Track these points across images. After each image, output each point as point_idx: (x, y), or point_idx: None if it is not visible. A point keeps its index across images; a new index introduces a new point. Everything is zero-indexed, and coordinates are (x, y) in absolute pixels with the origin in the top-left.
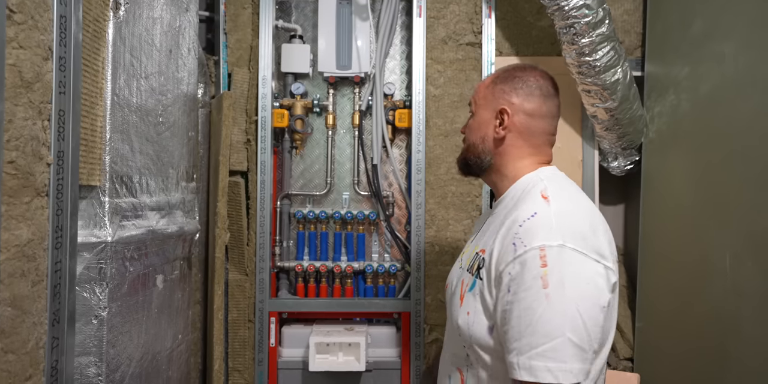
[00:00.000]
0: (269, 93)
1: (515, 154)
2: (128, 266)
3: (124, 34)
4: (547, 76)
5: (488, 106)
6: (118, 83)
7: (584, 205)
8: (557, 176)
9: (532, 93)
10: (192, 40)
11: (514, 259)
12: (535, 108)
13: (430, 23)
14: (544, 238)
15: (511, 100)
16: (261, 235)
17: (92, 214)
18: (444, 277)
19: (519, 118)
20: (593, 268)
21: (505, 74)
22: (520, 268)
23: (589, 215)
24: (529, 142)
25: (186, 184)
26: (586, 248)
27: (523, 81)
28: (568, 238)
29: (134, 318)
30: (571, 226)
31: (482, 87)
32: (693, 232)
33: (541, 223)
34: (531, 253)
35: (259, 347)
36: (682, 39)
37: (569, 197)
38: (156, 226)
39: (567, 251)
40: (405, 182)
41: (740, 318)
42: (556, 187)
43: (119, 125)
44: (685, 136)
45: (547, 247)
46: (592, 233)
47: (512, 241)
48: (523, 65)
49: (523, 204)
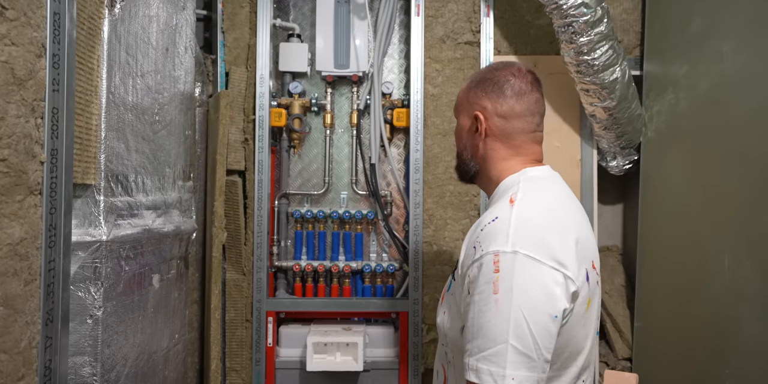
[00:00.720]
0: (267, 92)
1: (496, 157)
2: (124, 265)
3: (119, 31)
4: (522, 72)
5: (465, 113)
6: (114, 81)
7: (554, 208)
8: (541, 178)
9: (503, 93)
10: (189, 38)
11: (473, 263)
12: (507, 109)
13: (429, 22)
14: (499, 243)
15: (483, 104)
16: (258, 235)
17: (87, 212)
18: (442, 278)
19: (493, 122)
20: (548, 275)
21: (478, 77)
22: (477, 272)
23: (555, 220)
24: (507, 144)
25: (183, 183)
26: (543, 255)
27: (493, 82)
28: (523, 244)
29: (130, 317)
30: (528, 230)
31: (461, 92)
32: (692, 232)
33: (499, 228)
34: (487, 257)
35: (256, 347)
36: (680, 38)
37: (538, 201)
38: (152, 225)
39: (519, 258)
40: (403, 181)
41: (739, 319)
42: (529, 189)
43: (114, 123)
44: (684, 135)
45: (501, 253)
46: (554, 239)
47: (473, 245)
48: (496, 65)
49: (492, 208)
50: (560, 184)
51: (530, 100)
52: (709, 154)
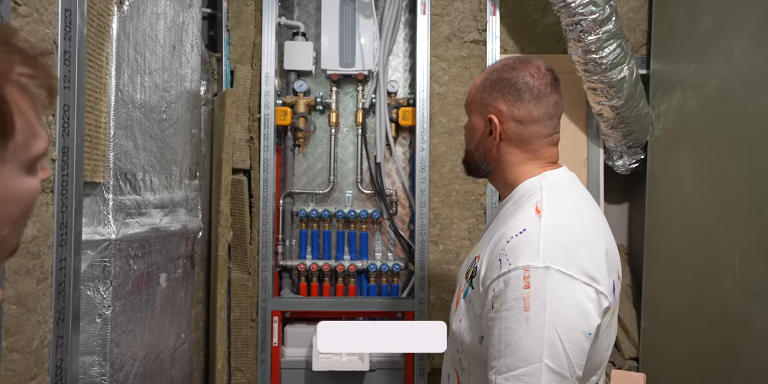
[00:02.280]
0: (272, 90)
1: (512, 161)
2: (132, 264)
3: (128, 29)
4: (540, 72)
5: (478, 112)
6: (122, 79)
7: (582, 218)
8: (562, 182)
9: (521, 97)
10: (195, 36)
11: (499, 277)
12: (525, 114)
13: (435, 21)
14: (529, 257)
15: (498, 106)
16: (264, 234)
17: (96, 211)
18: (448, 277)
19: (509, 126)
20: (581, 291)
21: (493, 75)
22: (503, 287)
23: (585, 232)
24: (524, 148)
25: (189, 181)
26: (575, 270)
27: (509, 84)
28: (554, 259)
29: (138, 317)
30: (560, 244)
31: (473, 89)
32: (700, 230)
33: (527, 241)
34: (515, 272)
35: (261, 346)
36: (688, 37)
37: (565, 210)
38: (160, 223)
39: (552, 273)
40: (408, 181)
41: (749, 316)
42: (554, 197)
43: (123, 121)
44: (692, 134)
45: (532, 268)
46: (586, 253)
47: (498, 257)
48: (513, 62)
49: (516, 216)
50: (580, 186)
51: (549, 103)
52: (717, 152)
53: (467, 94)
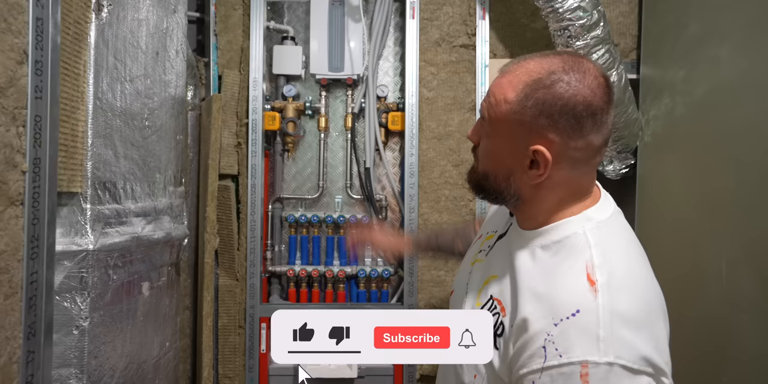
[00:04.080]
0: (260, 95)
1: (554, 198)
2: (111, 274)
3: (107, 36)
4: (602, 84)
5: (513, 136)
6: (101, 87)
7: (643, 285)
8: (607, 228)
9: (582, 126)
10: (180, 42)
11: (543, 370)
12: (584, 146)
13: (424, 25)
14: (588, 351)
15: (549, 136)
16: (252, 240)
17: (73, 221)
18: (437, 282)
19: (561, 161)
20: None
21: (540, 91)
22: (549, 383)
23: (649, 304)
24: (573, 184)
25: (174, 188)
26: (641, 362)
27: (567, 109)
28: (620, 352)
29: (118, 327)
30: (624, 332)
31: (503, 102)
32: (688, 238)
33: (584, 328)
34: (569, 368)
35: (249, 353)
36: (677, 42)
37: (625, 278)
38: (141, 232)
39: (616, 371)
40: (398, 186)
41: (736, 325)
42: (607, 259)
43: (102, 130)
44: (681, 140)
45: (591, 365)
46: (650, 335)
47: (542, 343)
48: (564, 69)
49: (562, 285)
50: (624, 225)
51: (609, 124)
52: (706, 158)
53: (489, 106)
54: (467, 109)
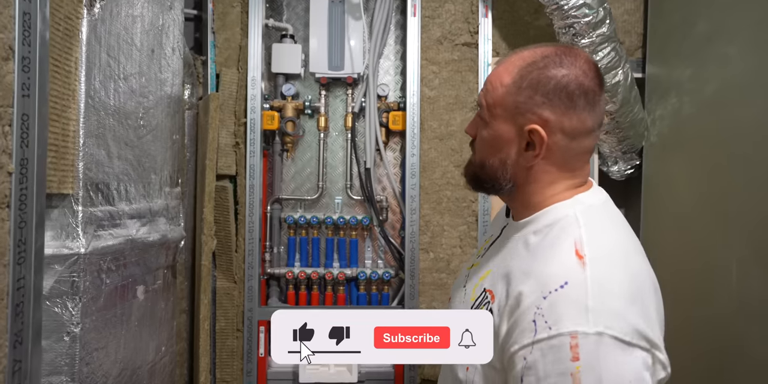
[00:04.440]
0: (258, 94)
1: (546, 180)
2: (104, 278)
3: (99, 32)
4: (590, 65)
5: (509, 119)
6: (93, 85)
7: (631, 264)
8: (596, 210)
9: (575, 104)
10: (177, 39)
11: (533, 344)
12: (577, 125)
13: (425, 23)
14: (577, 321)
15: (543, 115)
16: (250, 242)
17: (64, 224)
18: (439, 285)
19: (555, 140)
20: (639, 360)
21: (532, 72)
22: (540, 357)
23: (639, 281)
24: (565, 167)
25: (170, 189)
26: (633, 334)
27: (559, 87)
28: (609, 323)
29: (111, 332)
30: (614, 303)
31: (498, 86)
32: (696, 240)
33: (573, 299)
34: (558, 339)
35: (247, 357)
36: (684, 40)
37: (613, 256)
38: (136, 234)
39: (607, 341)
40: (399, 186)
41: (748, 330)
42: (596, 235)
43: (94, 129)
44: (688, 140)
45: (581, 335)
46: (641, 310)
47: (531, 317)
48: (556, 54)
49: (550, 261)
50: (615, 211)
51: (602, 106)
52: (714, 159)
53: (486, 92)
54: (469, 108)
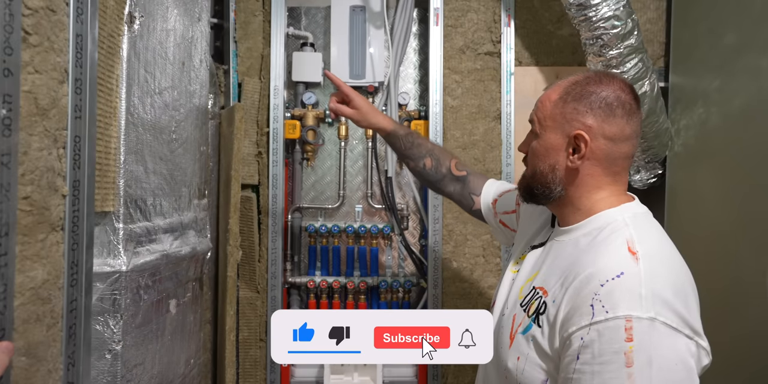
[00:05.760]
0: (281, 103)
1: (592, 184)
2: (142, 295)
3: (138, 48)
4: (628, 87)
5: (558, 129)
6: (132, 101)
7: (676, 262)
8: (642, 218)
9: (614, 112)
10: (204, 50)
11: (591, 325)
12: (617, 131)
13: (448, 32)
14: (632, 307)
15: (587, 122)
16: (273, 251)
17: (105, 241)
18: (462, 295)
19: (598, 144)
20: (684, 347)
21: (577, 89)
22: (596, 337)
23: (682, 278)
24: (609, 170)
25: (198, 201)
26: (679, 322)
27: (600, 99)
28: (660, 310)
29: (148, 348)
30: (663, 294)
31: (547, 102)
32: (726, 253)
33: (628, 287)
34: (614, 322)
35: (271, 367)
36: (712, 51)
37: (662, 254)
38: (170, 249)
39: (658, 326)
40: (420, 195)
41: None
42: (645, 237)
43: (133, 146)
44: (715, 152)
45: (635, 319)
46: (685, 302)
47: (590, 302)
48: (597, 76)
49: (605, 255)
50: (657, 222)
51: (638, 120)
52: (742, 170)
53: (536, 110)
54: (492, 117)
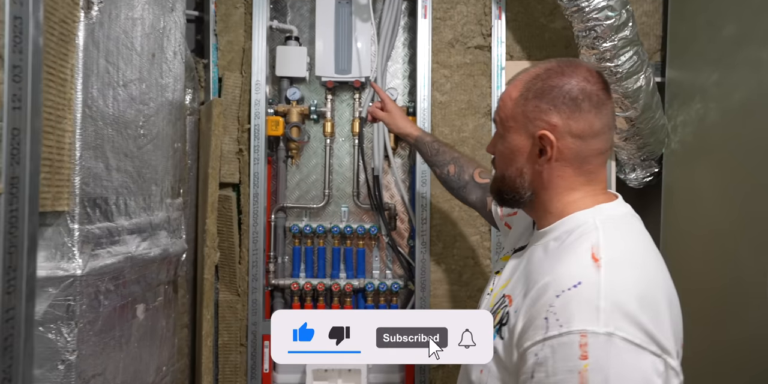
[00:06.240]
0: (263, 99)
1: (564, 186)
2: (102, 300)
3: (97, 37)
4: (593, 75)
5: (521, 130)
6: (91, 93)
7: (649, 270)
8: (620, 219)
9: (579, 107)
10: (178, 42)
11: (544, 341)
12: (585, 127)
13: (436, 25)
14: (587, 320)
15: (551, 120)
16: (254, 253)
17: (59, 243)
18: (451, 298)
19: (566, 144)
20: (649, 364)
21: (537, 84)
22: (550, 354)
23: (654, 289)
24: (581, 169)
25: (171, 200)
26: (644, 338)
27: (563, 92)
28: (620, 324)
29: (110, 356)
30: (626, 306)
31: (508, 101)
32: (725, 253)
33: (584, 299)
34: (568, 337)
35: (251, 373)
36: (710, 43)
37: (630, 261)
38: (136, 251)
39: (617, 342)
40: (408, 194)
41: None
42: (614, 241)
43: (92, 141)
44: (714, 148)
45: (591, 334)
46: (654, 316)
47: (544, 315)
48: (558, 66)
49: (565, 261)
50: (638, 225)
51: (609, 112)
52: (742, 168)
53: (498, 109)
54: (482, 113)
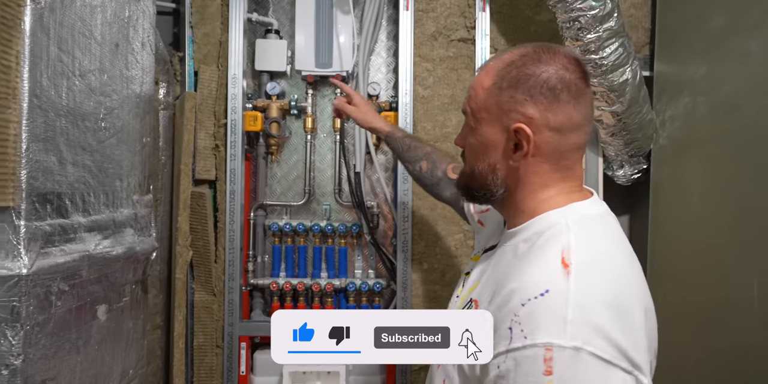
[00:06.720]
0: (240, 93)
1: (539, 182)
2: (54, 301)
3: (47, 23)
4: (572, 62)
5: (494, 122)
6: (40, 82)
7: (623, 277)
8: (593, 220)
9: (558, 98)
10: (147, 33)
11: (507, 352)
12: (564, 119)
13: (419, 17)
14: (553, 332)
15: (527, 112)
16: (231, 251)
17: (3, 241)
18: (432, 298)
19: (543, 138)
20: (619, 381)
21: (512, 72)
22: (513, 367)
23: (627, 298)
24: (557, 165)
25: (139, 197)
26: (614, 353)
27: (540, 82)
28: (589, 338)
29: (64, 360)
30: (596, 318)
31: (480, 90)
32: (712, 252)
33: (551, 308)
34: (532, 350)
35: (228, 376)
36: (698, 35)
37: (602, 268)
38: (95, 249)
39: (585, 358)
40: (391, 192)
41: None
42: (586, 245)
43: (41, 133)
44: (702, 143)
45: (557, 348)
46: (627, 329)
47: (508, 324)
48: (535, 52)
49: (534, 265)
50: (614, 225)
51: (588, 103)
52: (731, 164)
53: (468, 99)
54: None
